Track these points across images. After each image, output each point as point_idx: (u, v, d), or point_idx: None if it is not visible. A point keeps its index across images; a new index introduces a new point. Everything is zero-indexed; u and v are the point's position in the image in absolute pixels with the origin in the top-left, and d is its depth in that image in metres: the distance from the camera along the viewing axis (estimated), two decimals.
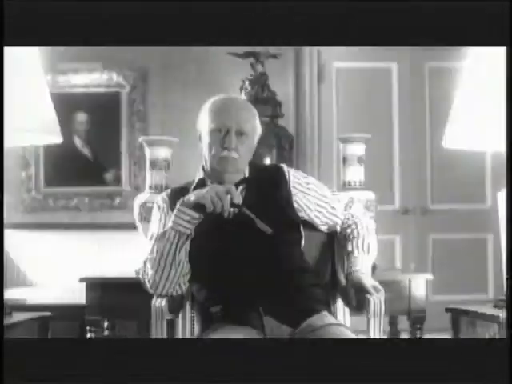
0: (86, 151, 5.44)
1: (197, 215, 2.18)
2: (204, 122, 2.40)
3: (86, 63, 5.36)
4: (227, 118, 2.33)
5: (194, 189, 2.35)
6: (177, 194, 2.37)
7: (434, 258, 5.43)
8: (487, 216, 5.25)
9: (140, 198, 3.14)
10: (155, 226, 2.39)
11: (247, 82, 3.13)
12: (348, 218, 2.50)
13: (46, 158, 5.41)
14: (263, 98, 3.03)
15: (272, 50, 3.21)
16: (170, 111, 5.31)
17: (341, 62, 5.43)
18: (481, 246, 5.45)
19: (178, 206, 2.21)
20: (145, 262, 2.29)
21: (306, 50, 5.33)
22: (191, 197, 2.19)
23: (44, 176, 5.45)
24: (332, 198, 2.49)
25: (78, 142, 5.41)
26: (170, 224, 2.21)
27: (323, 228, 2.52)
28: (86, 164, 5.45)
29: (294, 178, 2.44)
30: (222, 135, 2.33)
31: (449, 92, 5.07)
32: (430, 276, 3.03)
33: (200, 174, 2.44)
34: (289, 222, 2.37)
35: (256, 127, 2.43)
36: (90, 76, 5.41)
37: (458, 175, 5.26)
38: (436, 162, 5.38)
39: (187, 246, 2.22)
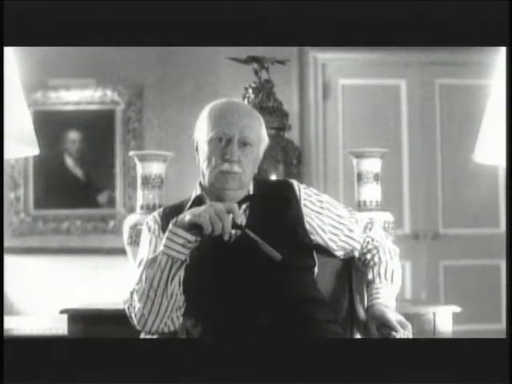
0: (78, 171, 5.29)
1: (192, 238, 1.94)
2: (202, 130, 2.16)
3: (78, 79, 5.22)
4: (229, 125, 2.10)
5: (190, 207, 2.11)
6: (170, 214, 2.13)
7: (445, 286, 5.27)
8: (501, 241, 5.06)
9: (130, 220, 2.88)
10: (144, 251, 2.14)
11: (250, 90, 2.86)
12: (368, 242, 2.27)
13: (35, 179, 5.26)
14: (268, 107, 2.77)
15: (278, 55, 2.95)
16: (167, 129, 5.16)
17: (347, 79, 5.33)
18: (495, 273, 5.28)
19: (170, 226, 1.97)
20: (131, 293, 2.03)
21: (311, 66, 5.27)
22: (186, 216, 1.94)
23: (33, 197, 5.29)
24: (349, 219, 2.27)
25: (69, 161, 5.27)
26: (160, 248, 1.97)
27: (339, 253, 2.28)
28: (78, 185, 5.30)
29: (306, 195, 2.22)
30: (222, 145, 2.09)
31: (461, 110, 5.11)
32: (456, 308, 2.77)
33: (197, 191, 2.20)
34: (300, 246, 2.14)
35: (262, 136, 2.19)
36: (83, 93, 5.26)
37: (471, 198, 5.18)
38: (447, 183, 5.28)
39: (181, 274, 1.96)
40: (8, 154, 2.43)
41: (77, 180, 5.28)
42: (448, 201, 5.28)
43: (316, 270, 2.20)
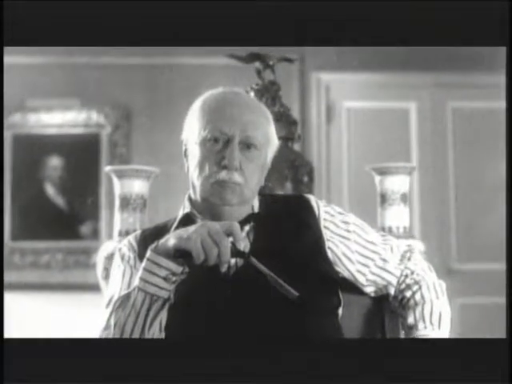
0: (59, 200, 5.12)
1: (178, 269, 1.54)
2: (192, 128, 1.79)
3: (61, 99, 5.07)
4: (228, 122, 1.72)
5: (177, 228, 1.72)
6: (150, 238, 1.73)
7: (462, 327, 4.79)
8: None
9: (106, 249, 2.49)
10: (115, 286, 1.74)
11: (252, 93, 2.49)
12: (406, 276, 1.87)
13: (13, 208, 5.10)
14: (274, 113, 2.36)
15: (286, 51, 2.58)
16: (157, 154, 4.86)
17: (352, 102, 5.20)
18: None
19: (148, 253, 1.56)
20: None
21: (313, 88, 5.15)
22: (170, 240, 1.54)
23: (10, 228, 5.13)
24: (383, 246, 1.87)
25: (50, 189, 5.09)
26: (136, 282, 1.56)
27: (369, 290, 1.89)
28: (60, 215, 5.13)
29: (327, 214, 1.82)
30: (219, 147, 1.71)
31: (476, 135, 4.85)
32: None
33: (185, 207, 1.80)
34: (321, 280, 1.75)
35: (270, 137, 1.80)
36: (66, 115, 5.10)
37: (487, 229, 4.96)
38: (461, 214, 5.08)
39: (163, 316, 1.57)
40: None
41: (58, 210, 5.12)
42: (462, 233, 5.09)
43: (341, 311, 1.83)
